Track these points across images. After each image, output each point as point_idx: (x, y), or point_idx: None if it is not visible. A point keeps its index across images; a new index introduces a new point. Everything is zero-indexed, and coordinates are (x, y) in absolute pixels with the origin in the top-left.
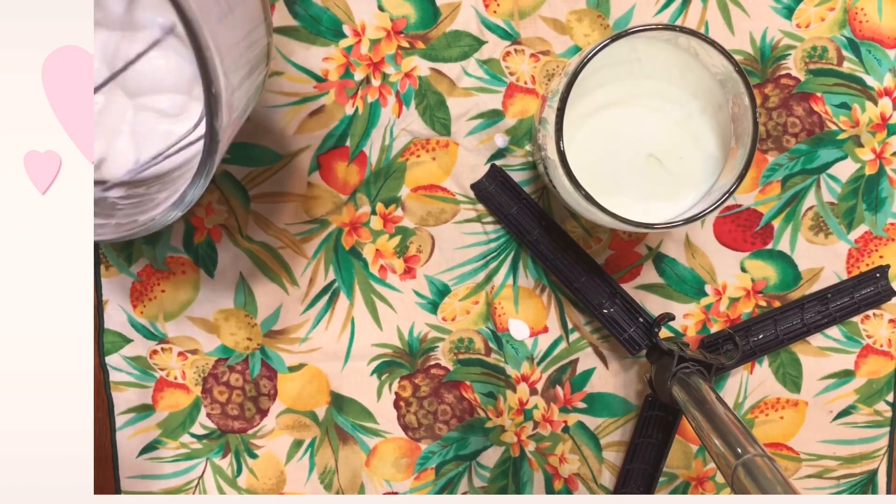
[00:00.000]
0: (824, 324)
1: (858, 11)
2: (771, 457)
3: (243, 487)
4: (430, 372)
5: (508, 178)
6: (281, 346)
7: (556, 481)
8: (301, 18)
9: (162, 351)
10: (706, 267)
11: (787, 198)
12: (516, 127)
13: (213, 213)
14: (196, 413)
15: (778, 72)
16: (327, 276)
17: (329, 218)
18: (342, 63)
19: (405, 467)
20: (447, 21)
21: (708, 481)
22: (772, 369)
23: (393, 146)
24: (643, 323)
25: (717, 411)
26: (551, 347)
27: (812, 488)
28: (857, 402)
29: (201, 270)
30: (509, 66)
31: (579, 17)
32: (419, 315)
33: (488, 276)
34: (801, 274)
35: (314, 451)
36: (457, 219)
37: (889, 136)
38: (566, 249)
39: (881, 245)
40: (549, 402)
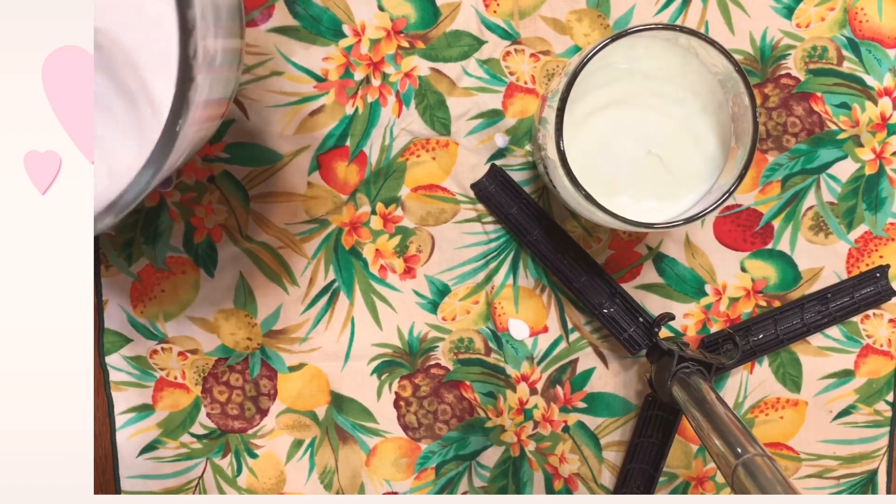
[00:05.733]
0: (824, 324)
1: (858, 11)
2: (771, 457)
3: (243, 487)
4: (430, 372)
5: (508, 178)
6: (281, 346)
7: (556, 481)
8: (301, 18)
9: (162, 351)
10: (706, 267)
11: (787, 198)
12: (516, 127)
13: (213, 213)
14: (196, 413)
15: (778, 72)
16: (327, 276)
17: (329, 218)
18: (342, 63)
19: (405, 467)
20: (447, 21)
21: (708, 481)
22: (772, 369)
23: (393, 146)
24: (643, 323)
25: (717, 411)
26: (551, 347)
27: (812, 488)
28: (857, 402)
29: (201, 270)
30: (509, 66)
31: (579, 16)
32: (419, 315)
33: (488, 276)
34: (801, 274)
35: (314, 451)
36: (457, 219)
37: (889, 135)
38: (566, 249)
39: (881, 245)
40: (549, 402)
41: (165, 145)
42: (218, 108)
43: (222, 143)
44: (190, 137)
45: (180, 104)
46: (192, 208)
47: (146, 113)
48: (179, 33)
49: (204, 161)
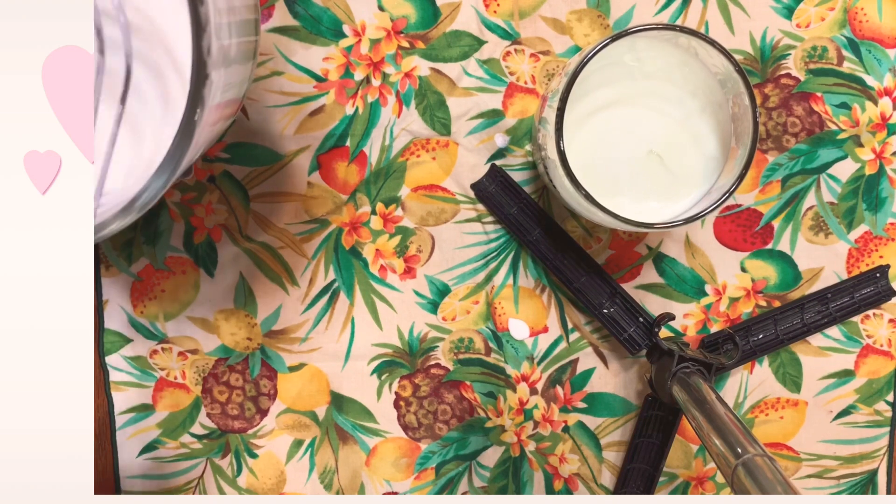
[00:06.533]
0: (824, 324)
1: (858, 11)
2: (771, 457)
3: (243, 487)
4: (430, 372)
5: (508, 178)
6: (281, 346)
7: (556, 481)
8: (301, 18)
9: (162, 351)
10: (706, 267)
11: (787, 198)
12: (516, 127)
13: (213, 213)
14: (196, 413)
15: (778, 72)
16: (327, 276)
17: (329, 218)
18: (342, 63)
19: (405, 467)
20: (447, 21)
21: (708, 481)
22: (772, 369)
23: (393, 146)
24: (643, 323)
25: (717, 411)
26: (551, 347)
27: (812, 488)
28: (857, 402)
29: (201, 270)
30: (509, 66)
31: (579, 16)
32: (419, 315)
33: (488, 276)
34: (801, 274)
35: (314, 451)
36: (457, 219)
37: (889, 135)
38: (566, 249)
39: (881, 245)
40: (549, 402)
41: (182, 140)
42: (232, 105)
43: (222, 143)
44: (205, 133)
45: (195, 101)
46: (192, 208)
47: (175, 97)
48: (193, 28)
49: (204, 161)
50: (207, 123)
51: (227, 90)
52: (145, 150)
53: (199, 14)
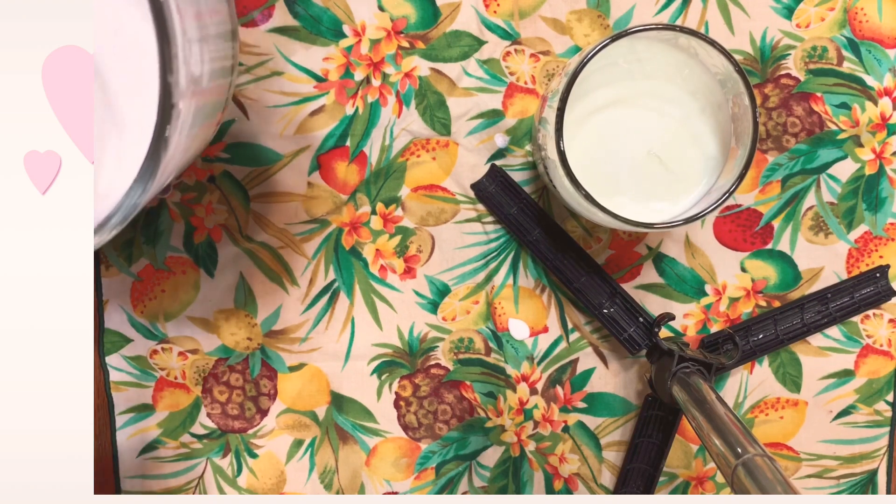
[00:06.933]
0: (824, 324)
1: (858, 11)
2: (771, 457)
3: (243, 487)
4: (430, 372)
5: (508, 178)
6: (281, 346)
7: (556, 481)
8: (301, 18)
9: (162, 351)
10: (706, 267)
11: (787, 198)
12: (516, 127)
13: (213, 213)
14: (196, 413)
15: (778, 72)
16: (327, 276)
17: (329, 218)
18: (342, 63)
19: (405, 467)
20: (447, 21)
21: (708, 481)
22: (772, 369)
23: (393, 146)
24: (643, 323)
25: (717, 411)
26: (551, 347)
27: (812, 488)
28: (857, 402)
29: (201, 270)
30: (509, 66)
31: (579, 17)
32: (419, 315)
33: (488, 276)
34: (801, 274)
35: (314, 451)
36: (457, 219)
37: (889, 135)
38: (566, 249)
39: (881, 245)
40: (549, 402)
41: (148, 169)
42: (207, 128)
43: (222, 143)
44: (177, 158)
45: (160, 134)
46: (192, 208)
47: (130, 135)
48: (159, 58)
49: (204, 161)
50: (179, 149)
51: (199, 114)
52: (123, 170)
53: (167, 38)
